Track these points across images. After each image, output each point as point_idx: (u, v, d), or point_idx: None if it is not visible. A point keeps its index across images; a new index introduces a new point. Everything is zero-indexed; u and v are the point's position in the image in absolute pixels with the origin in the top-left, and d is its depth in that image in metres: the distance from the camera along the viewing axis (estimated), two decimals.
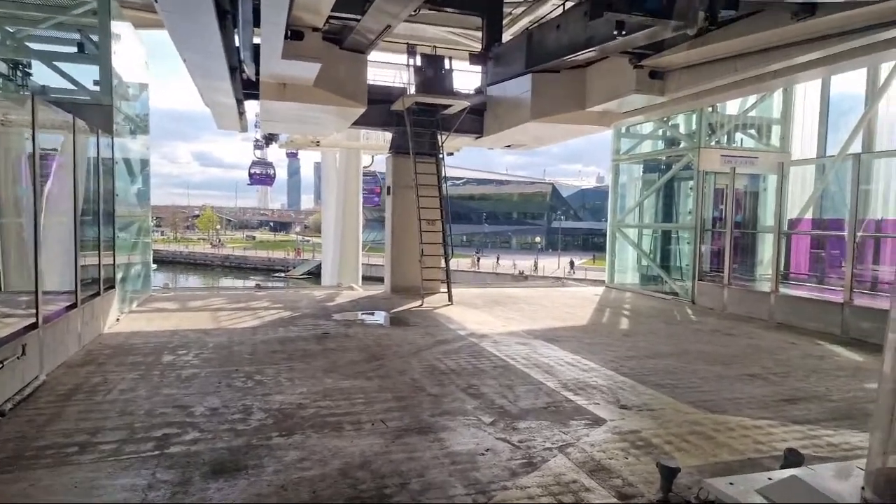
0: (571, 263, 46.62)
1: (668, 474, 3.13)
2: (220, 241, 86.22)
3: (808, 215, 12.03)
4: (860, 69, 11.39)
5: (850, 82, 12.79)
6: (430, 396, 5.10)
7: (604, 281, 14.64)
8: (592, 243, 69.20)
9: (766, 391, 5.40)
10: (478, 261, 50.22)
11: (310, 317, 9.24)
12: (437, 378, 5.69)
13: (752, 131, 12.47)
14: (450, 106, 11.37)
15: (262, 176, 26.67)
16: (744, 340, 7.86)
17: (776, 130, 12.50)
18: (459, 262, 37.29)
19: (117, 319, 8.69)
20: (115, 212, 8.90)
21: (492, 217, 73.15)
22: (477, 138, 12.99)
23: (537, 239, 66.26)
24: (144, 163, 11.26)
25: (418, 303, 10.68)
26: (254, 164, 26.38)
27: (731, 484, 3.00)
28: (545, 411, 4.73)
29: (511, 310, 10.27)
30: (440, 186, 11.66)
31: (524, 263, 47.42)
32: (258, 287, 13.57)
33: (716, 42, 7.26)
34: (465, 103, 11.14)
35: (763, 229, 11.76)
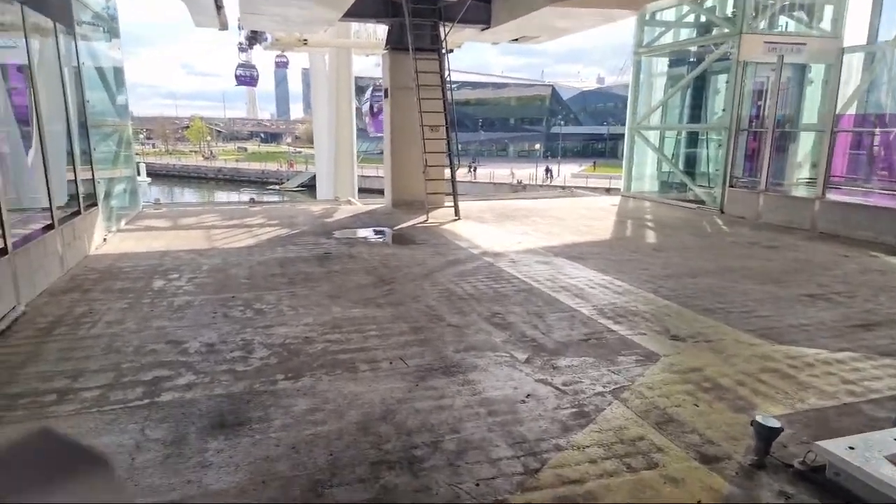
0: (547, 171, 44.72)
1: (768, 435, 2.55)
2: (211, 152, 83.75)
3: (852, 111, 10.91)
4: None
5: None
6: (452, 327, 4.50)
7: (606, 188, 13.81)
8: (593, 149, 66.99)
9: (833, 315, 4.80)
10: (474, 171, 48.53)
11: (309, 234, 8.54)
12: (455, 305, 5.08)
13: (801, 13, 10.98)
14: None
15: (247, 78, 26.51)
16: (789, 254, 7.21)
17: (828, 11, 11.00)
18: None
19: (104, 239, 8.01)
20: (89, 122, 7.94)
21: (488, 124, 69.94)
22: (483, 30, 11.56)
23: (537, 146, 63.80)
24: (118, 70, 10.07)
25: (423, 218, 9.93)
26: (239, 66, 26.02)
27: (850, 448, 2.42)
28: (586, 344, 4.15)
29: (524, 224, 9.56)
30: (444, 87, 10.48)
31: (522, 172, 45.83)
32: (253, 202, 12.77)
33: None
34: None
35: (805, 128, 10.71)
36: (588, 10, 9.32)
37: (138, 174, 12.77)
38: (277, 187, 56.60)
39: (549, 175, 43.62)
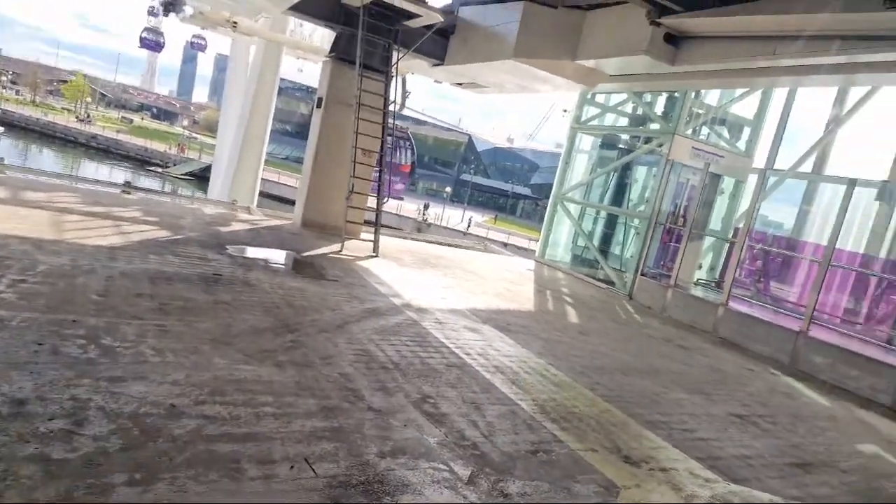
0: (426, 206, 45.36)
1: None
2: (88, 116, 74.53)
3: (741, 224, 11.81)
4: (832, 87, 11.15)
5: (812, 100, 12.68)
6: (373, 413, 3.54)
7: (504, 243, 13.67)
8: (496, 203, 69.53)
9: (766, 445, 4.54)
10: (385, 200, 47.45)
11: (195, 244, 7.09)
12: (376, 377, 4.13)
13: (722, 128, 11.81)
14: (417, 17, 9.27)
15: (152, 43, 24.31)
16: (702, 359, 7.16)
17: (745, 132, 11.96)
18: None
19: None
20: None
21: None
22: (435, 65, 11.03)
23: (447, 189, 65.02)
24: None
25: (337, 247, 8.85)
26: (145, 29, 23.64)
27: None
28: (535, 459, 3.40)
29: (445, 275, 8.84)
30: (385, 112, 9.67)
31: (428, 211, 45.82)
32: (128, 186, 10.81)
33: (767, 14, 6.06)
34: (438, 17, 9.11)
35: (713, 233, 11.32)
36: (546, 73, 9.12)
37: None
38: (161, 170, 51.33)
39: (425, 210, 43.67)
